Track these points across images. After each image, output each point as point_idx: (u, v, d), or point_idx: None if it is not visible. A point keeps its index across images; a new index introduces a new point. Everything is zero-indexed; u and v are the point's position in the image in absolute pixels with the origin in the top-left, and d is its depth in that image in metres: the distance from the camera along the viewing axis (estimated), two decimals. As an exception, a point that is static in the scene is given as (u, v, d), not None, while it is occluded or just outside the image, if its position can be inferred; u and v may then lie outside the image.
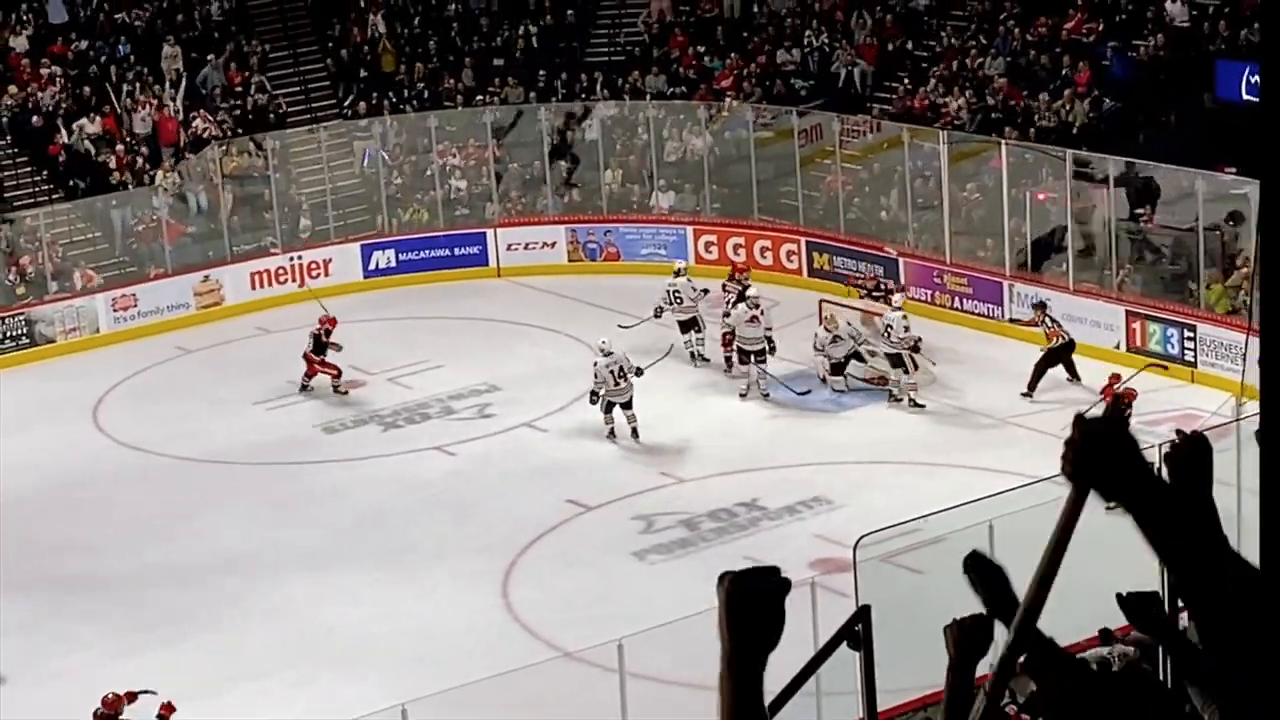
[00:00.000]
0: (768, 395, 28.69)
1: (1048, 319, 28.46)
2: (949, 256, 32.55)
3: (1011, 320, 30.03)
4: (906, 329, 28.15)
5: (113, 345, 32.94)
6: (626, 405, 27.55)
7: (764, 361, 28.74)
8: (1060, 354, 28.28)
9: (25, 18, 38.82)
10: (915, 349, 28.19)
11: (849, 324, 29.34)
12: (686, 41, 39.39)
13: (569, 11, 40.55)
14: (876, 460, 26.37)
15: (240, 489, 26.68)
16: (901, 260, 32.77)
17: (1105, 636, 18.30)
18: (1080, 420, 3.33)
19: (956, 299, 32.05)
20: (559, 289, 34.46)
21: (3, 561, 24.52)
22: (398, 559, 24.11)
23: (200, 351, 32.90)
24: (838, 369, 28.73)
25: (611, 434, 27.60)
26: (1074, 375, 28.27)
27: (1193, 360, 28.81)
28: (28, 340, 33.03)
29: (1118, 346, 29.53)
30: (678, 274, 30.88)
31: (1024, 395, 27.85)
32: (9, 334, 33.01)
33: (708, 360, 30.35)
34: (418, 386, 30.45)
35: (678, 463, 26.87)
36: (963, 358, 29.82)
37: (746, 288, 30.46)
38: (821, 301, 30.21)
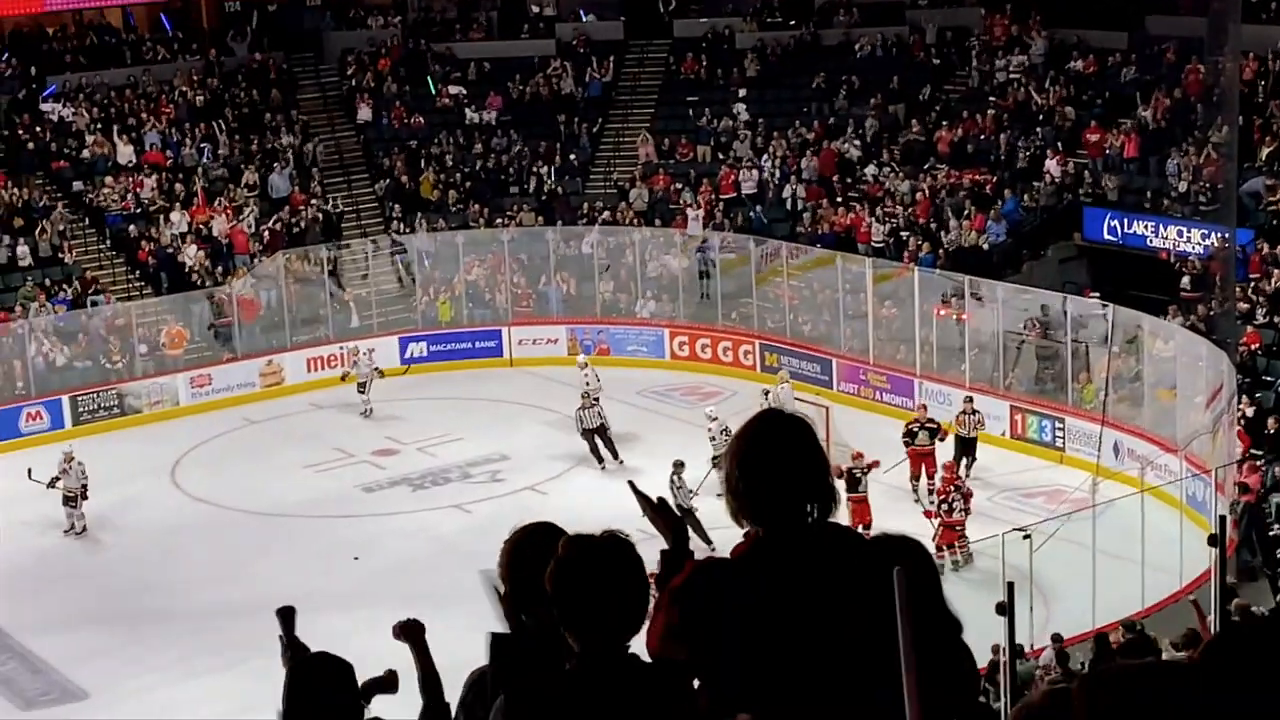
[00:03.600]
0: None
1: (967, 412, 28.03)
2: (872, 358, 32.37)
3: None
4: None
5: (190, 416, 32.59)
6: None
7: None
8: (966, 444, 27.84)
9: (125, 138, 38.93)
10: None
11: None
12: (668, 180, 39.32)
13: (571, 156, 40.52)
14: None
15: (292, 539, 26.38)
16: (835, 360, 32.65)
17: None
18: None
19: (877, 392, 31.94)
20: (560, 377, 34.23)
21: (91, 598, 24.31)
22: (420, 600, 23.69)
23: (263, 423, 32.62)
24: None
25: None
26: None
27: (1062, 446, 28.69)
28: (118, 410, 32.71)
29: (1004, 434, 29.41)
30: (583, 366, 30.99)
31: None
32: (103, 405, 32.71)
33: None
34: (442, 455, 30.21)
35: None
36: (882, 440, 29.57)
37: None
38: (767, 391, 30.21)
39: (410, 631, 5.18)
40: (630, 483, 4.29)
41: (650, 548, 4.10)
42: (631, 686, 3.70)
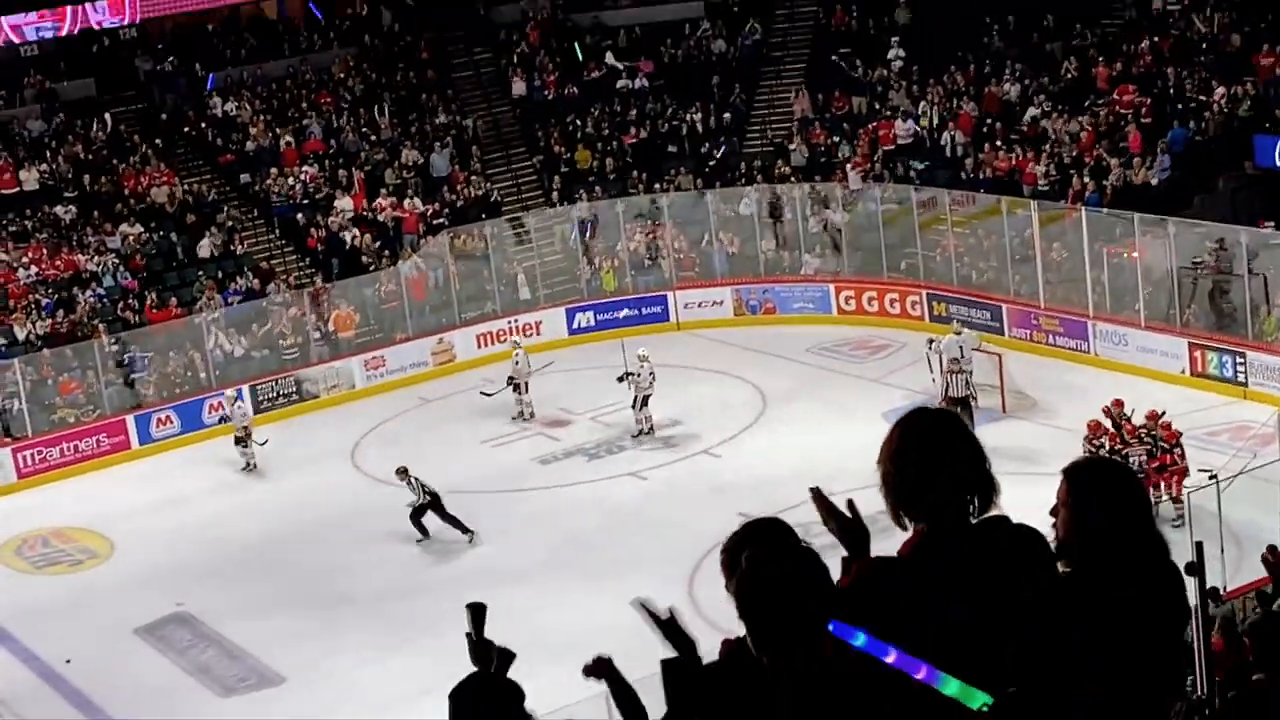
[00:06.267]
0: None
1: None
2: (1042, 302, 31.80)
3: None
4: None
5: (366, 398, 32.97)
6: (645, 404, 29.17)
7: None
8: None
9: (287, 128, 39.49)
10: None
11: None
12: (825, 134, 38.89)
13: (725, 115, 40.24)
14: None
15: (472, 514, 26.45)
16: (1005, 306, 32.13)
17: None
18: None
19: (1050, 336, 31.39)
20: (727, 338, 34.10)
21: (283, 584, 24.67)
22: (602, 571, 23.77)
23: (437, 401, 32.91)
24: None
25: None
26: None
27: (1244, 381, 27.97)
28: (297, 396, 33.25)
29: (1183, 372, 28.84)
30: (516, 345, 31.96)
31: None
32: (281, 392, 33.25)
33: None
34: (614, 423, 30.19)
35: (826, 481, 26.15)
36: (1057, 385, 29.06)
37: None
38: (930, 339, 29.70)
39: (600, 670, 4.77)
40: (814, 489, 4.13)
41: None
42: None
